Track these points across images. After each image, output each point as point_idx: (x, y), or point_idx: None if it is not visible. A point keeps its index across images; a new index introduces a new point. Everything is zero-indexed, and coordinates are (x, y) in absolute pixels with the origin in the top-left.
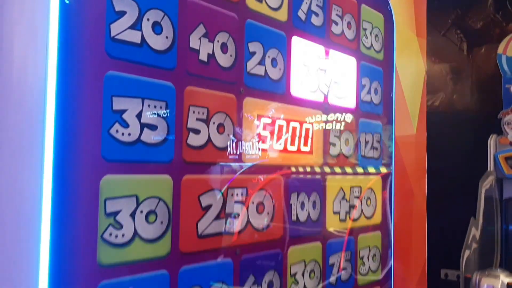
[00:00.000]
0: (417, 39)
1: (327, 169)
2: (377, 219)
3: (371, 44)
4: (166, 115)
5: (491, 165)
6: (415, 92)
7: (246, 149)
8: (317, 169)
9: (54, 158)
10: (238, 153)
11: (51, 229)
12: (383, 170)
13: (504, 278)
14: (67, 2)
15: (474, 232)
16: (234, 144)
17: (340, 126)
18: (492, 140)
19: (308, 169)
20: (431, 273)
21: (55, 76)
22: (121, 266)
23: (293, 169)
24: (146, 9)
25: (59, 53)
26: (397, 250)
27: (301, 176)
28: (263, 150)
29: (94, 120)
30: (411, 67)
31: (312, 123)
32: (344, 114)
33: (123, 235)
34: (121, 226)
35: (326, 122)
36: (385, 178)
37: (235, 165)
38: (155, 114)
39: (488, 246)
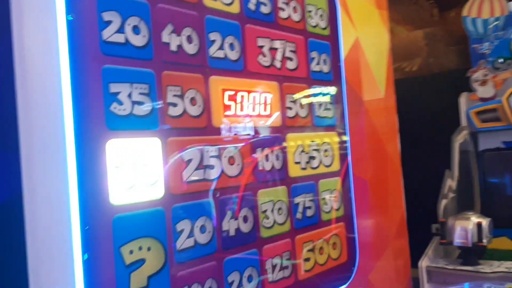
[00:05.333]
0: (377, 11)
1: (285, 129)
2: (335, 167)
3: (317, 23)
4: (149, 94)
5: (463, 121)
6: (380, 60)
7: (216, 116)
8: (277, 129)
9: (74, 130)
10: (209, 119)
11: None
12: (337, 126)
13: (475, 219)
14: (70, 18)
15: (450, 182)
16: (206, 112)
17: (295, 92)
18: (463, 98)
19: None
20: (422, 229)
21: (68, 72)
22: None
23: (257, 130)
24: (126, 17)
25: (69, 55)
26: (374, 202)
27: (263, 135)
28: (229, 115)
29: (98, 101)
30: (374, 37)
31: (269, 92)
32: (297, 83)
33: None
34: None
35: (282, 90)
36: (339, 133)
37: (207, 128)
38: (141, 94)
39: (467, 195)
